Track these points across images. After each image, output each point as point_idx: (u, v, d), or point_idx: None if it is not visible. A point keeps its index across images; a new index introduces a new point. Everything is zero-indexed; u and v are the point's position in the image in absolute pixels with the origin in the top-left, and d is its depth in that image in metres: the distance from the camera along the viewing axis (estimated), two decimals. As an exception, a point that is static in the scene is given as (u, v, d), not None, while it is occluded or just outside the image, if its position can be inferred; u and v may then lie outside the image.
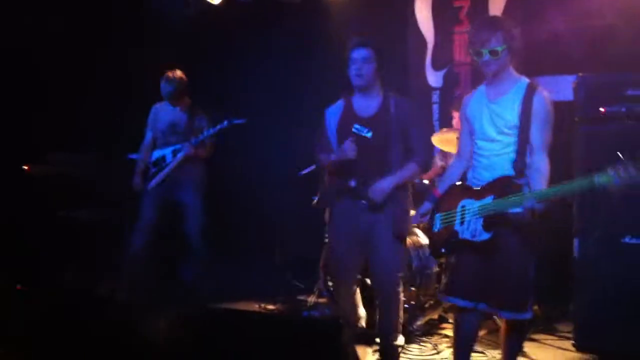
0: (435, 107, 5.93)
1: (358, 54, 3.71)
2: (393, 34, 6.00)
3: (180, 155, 5.05)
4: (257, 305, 5.06)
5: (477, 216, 3.10)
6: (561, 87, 4.28)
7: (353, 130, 3.71)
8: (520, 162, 3.07)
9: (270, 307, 5.05)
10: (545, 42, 4.90)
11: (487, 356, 3.93)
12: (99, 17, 5.95)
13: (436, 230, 3.31)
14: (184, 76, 5.17)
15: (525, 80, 3.18)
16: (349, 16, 5.89)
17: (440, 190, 3.42)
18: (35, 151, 5.60)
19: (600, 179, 2.76)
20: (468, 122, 3.30)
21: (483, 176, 3.19)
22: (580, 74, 3.94)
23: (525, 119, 3.06)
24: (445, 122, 5.79)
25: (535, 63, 5.00)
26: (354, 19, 5.86)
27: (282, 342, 2.54)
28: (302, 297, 5.24)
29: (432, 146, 4.73)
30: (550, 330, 4.37)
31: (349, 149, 3.65)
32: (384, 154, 3.70)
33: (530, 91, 3.10)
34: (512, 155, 3.09)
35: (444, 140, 4.79)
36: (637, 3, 4.64)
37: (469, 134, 3.32)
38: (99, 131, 5.91)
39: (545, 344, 4.18)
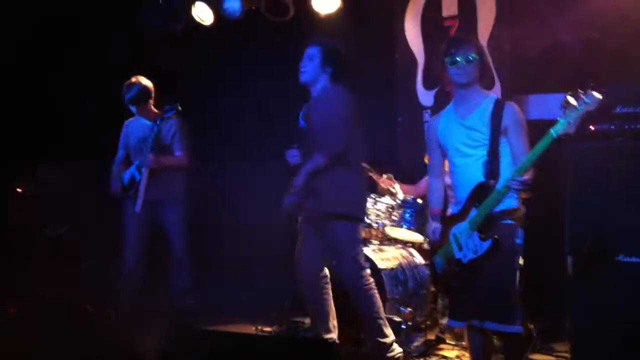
0: (426, 125, 5.94)
1: (305, 52, 3.97)
2: (381, 52, 6.04)
3: (144, 170, 4.87)
4: (253, 328, 5.04)
5: (470, 233, 3.14)
6: (550, 105, 4.30)
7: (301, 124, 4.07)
8: (490, 168, 3.18)
9: (267, 328, 5.03)
10: (533, 61, 4.94)
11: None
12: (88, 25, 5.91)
13: (440, 271, 3.35)
14: (148, 83, 4.97)
15: (493, 95, 3.32)
16: (337, 34, 5.91)
17: (438, 207, 3.46)
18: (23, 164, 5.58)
19: (556, 128, 2.92)
20: (439, 143, 3.41)
21: (462, 194, 3.28)
22: (570, 93, 3.94)
23: (494, 130, 3.18)
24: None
25: (524, 82, 5.06)
26: (342, 37, 5.88)
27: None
28: (298, 319, 5.21)
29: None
30: (548, 350, 4.36)
31: (291, 156, 4.01)
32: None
33: (499, 105, 3.22)
34: (483, 164, 3.20)
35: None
36: (616, 16, 4.68)
37: (440, 154, 3.45)
38: (83, 144, 5.87)
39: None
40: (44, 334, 3.18)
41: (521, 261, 3.33)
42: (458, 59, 3.20)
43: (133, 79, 4.96)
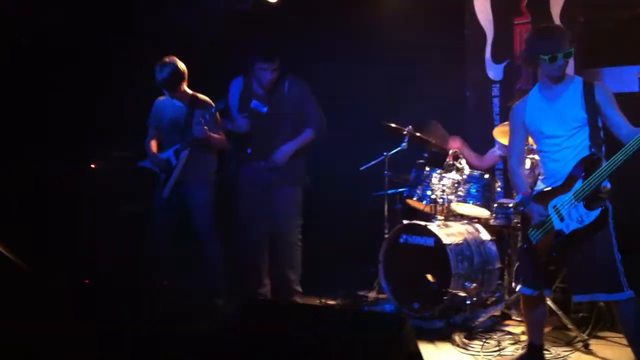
0: (495, 100, 5.84)
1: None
2: (450, 26, 5.95)
3: (183, 156, 4.73)
4: (317, 300, 5.11)
5: (575, 203, 3.24)
6: (625, 78, 4.19)
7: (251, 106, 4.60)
8: (594, 144, 3.27)
9: (331, 302, 5.10)
10: (608, 33, 4.78)
11: (551, 354, 3.87)
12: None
13: (536, 243, 3.40)
14: (181, 65, 4.68)
15: (579, 77, 3.41)
16: (405, 10, 5.87)
17: (528, 190, 3.52)
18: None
19: None
20: (526, 128, 3.51)
21: (554, 169, 3.38)
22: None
23: (589, 109, 3.28)
24: (506, 116, 5.70)
25: (599, 54, 4.90)
26: (410, 13, 5.84)
27: (346, 336, 2.58)
28: (362, 293, 5.27)
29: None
30: (618, 328, 4.26)
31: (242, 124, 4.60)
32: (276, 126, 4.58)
33: (588, 86, 3.33)
34: (585, 141, 3.30)
35: (505, 133, 4.72)
36: None
37: (524, 139, 3.56)
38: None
39: (611, 341, 4.09)
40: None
41: None
42: (559, 55, 3.28)
43: (167, 59, 4.66)
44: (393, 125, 5.02)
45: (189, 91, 4.78)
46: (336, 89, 5.94)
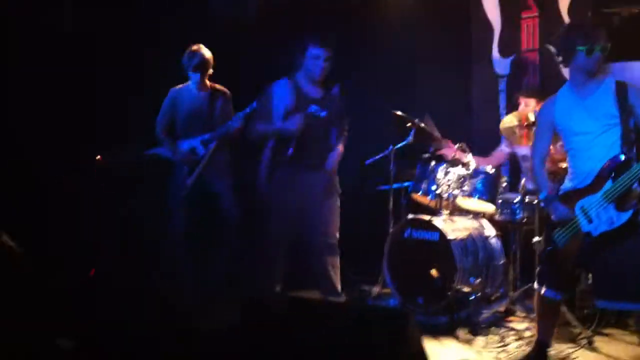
0: (502, 95, 5.83)
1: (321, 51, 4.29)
2: (456, 20, 5.92)
3: (211, 147, 4.74)
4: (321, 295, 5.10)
5: (605, 205, 3.15)
6: (635, 74, 4.15)
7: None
8: (625, 143, 3.20)
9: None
10: (616, 28, 4.74)
11: (555, 349, 3.85)
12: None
13: (562, 246, 3.32)
14: (209, 52, 4.72)
15: (611, 77, 3.32)
16: (410, 4, 5.85)
17: (550, 189, 3.45)
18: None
19: None
20: (554, 127, 3.43)
21: (585, 167, 3.28)
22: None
23: (622, 108, 3.21)
24: (511, 110, 5.68)
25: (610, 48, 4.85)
26: (417, 7, 5.82)
27: (350, 330, 2.57)
28: (365, 288, 5.26)
29: None
30: (622, 325, 4.26)
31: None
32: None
33: (620, 87, 3.25)
34: (617, 140, 3.22)
35: (509, 128, 4.68)
36: None
37: (549, 138, 3.49)
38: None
39: (615, 338, 4.07)
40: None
41: None
42: (596, 48, 3.23)
43: (194, 47, 4.71)
44: (400, 113, 4.95)
45: (208, 82, 4.81)
46: (343, 83, 5.94)
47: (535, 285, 3.52)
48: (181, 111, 4.83)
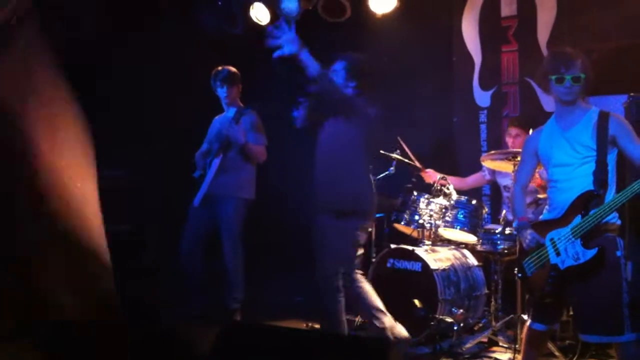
0: (483, 126, 5.91)
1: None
2: (438, 51, 6.01)
3: (214, 164, 4.76)
4: (304, 324, 5.08)
5: (573, 240, 3.15)
6: (611, 107, 4.21)
7: None
8: (599, 177, 3.17)
9: (317, 325, 5.07)
10: (594, 63, 4.82)
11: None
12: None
13: (530, 275, 3.33)
14: (235, 70, 4.88)
15: (596, 108, 3.29)
16: (393, 34, 5.91)
17: (525, 215, 3.47)
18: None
19: None
20: (537, 156, 3.45)
21: (561, 198, 3.27)
22: (632, 94, 3.89)
23: (600, 141, 3.18)
24: (493, 142, 5.76)
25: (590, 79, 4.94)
26: (398, 37, 5.89)
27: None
28: (348, 317, 5.23)
29: None
30: (603, 355, 4.27)
31: None
32: None
33: (602, 118, 3.22)
34: (591, 173, 3.19)
35: (492, 160, 4.74)
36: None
37: (532, 167, 3.51)
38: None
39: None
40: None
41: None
42: (567, 77, 3.21)
43: (219, 67, 4.89)
44: (381, 152, 4.99)
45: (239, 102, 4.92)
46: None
47: (524, 315, 3.52)
48: (212, 135, 4.97)
